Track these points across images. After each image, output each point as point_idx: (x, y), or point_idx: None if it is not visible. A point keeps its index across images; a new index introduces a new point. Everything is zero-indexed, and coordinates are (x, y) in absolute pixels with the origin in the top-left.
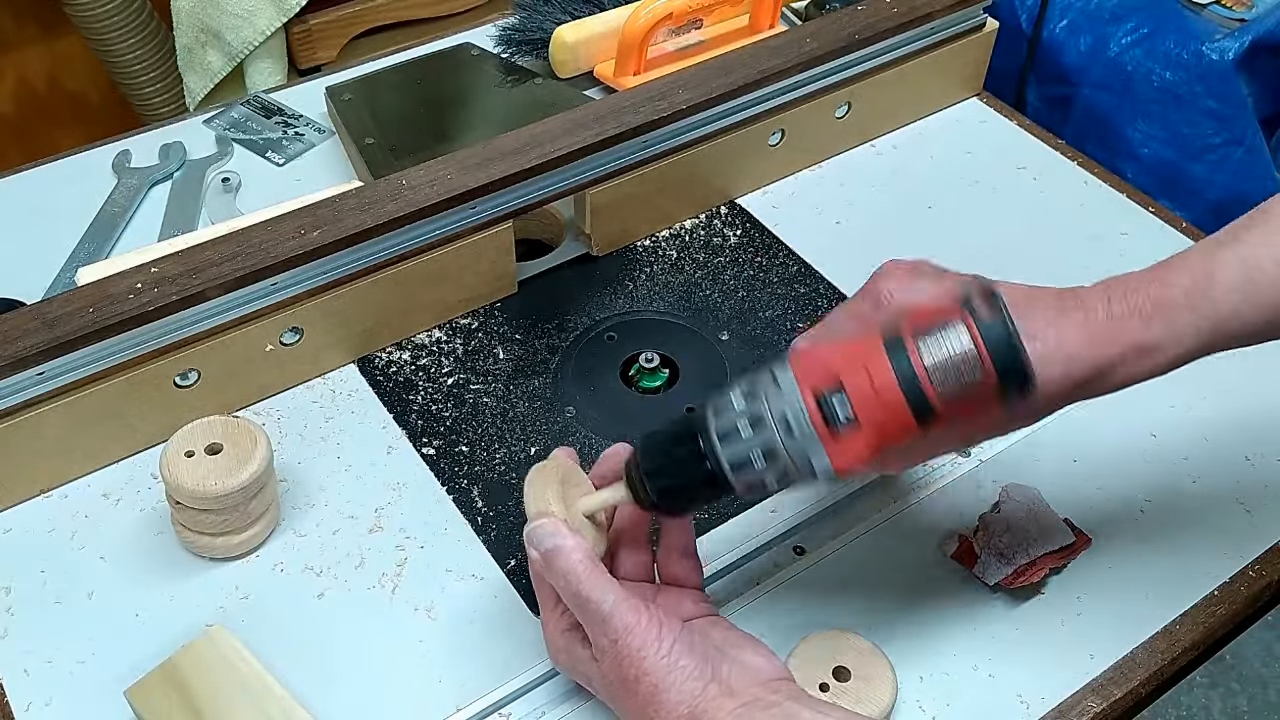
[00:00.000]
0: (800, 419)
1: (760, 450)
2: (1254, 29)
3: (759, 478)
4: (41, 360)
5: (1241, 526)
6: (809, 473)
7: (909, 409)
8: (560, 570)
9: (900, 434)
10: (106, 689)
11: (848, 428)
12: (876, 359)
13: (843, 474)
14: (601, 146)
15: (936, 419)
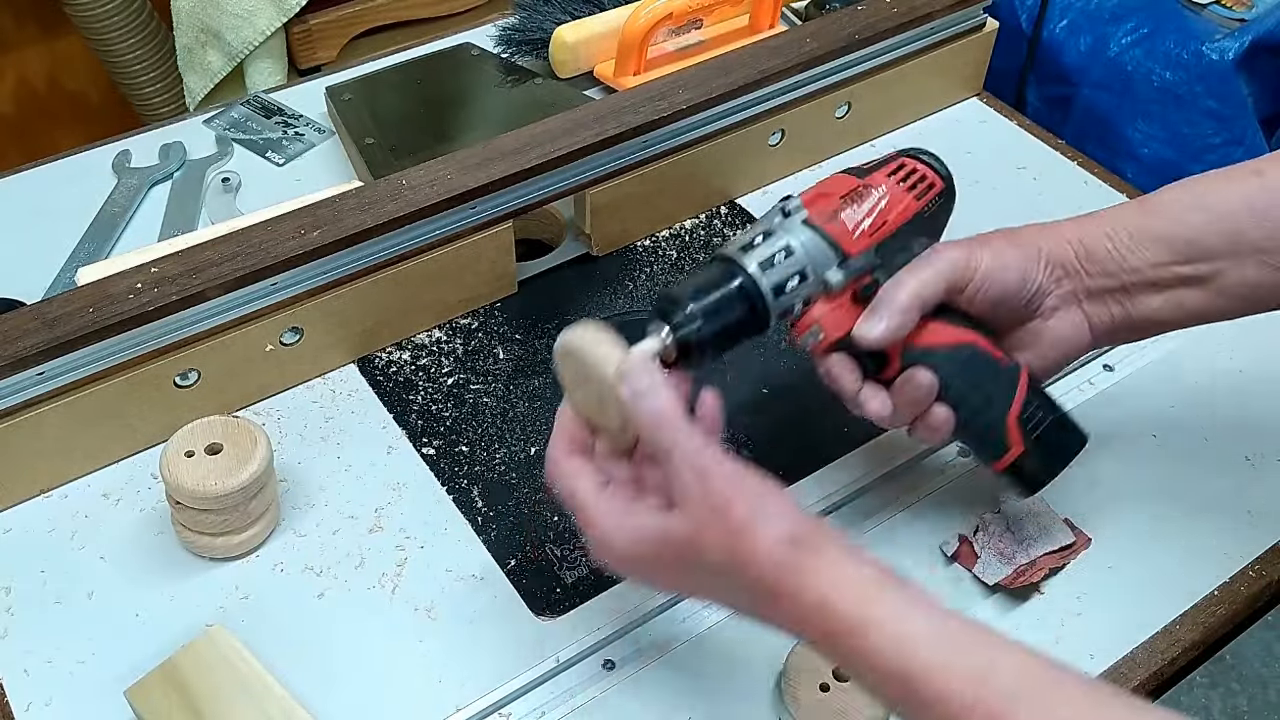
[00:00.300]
0: (811, 223)
1: (794, 273)
2: (1254, 29)
3: (791, 300)
4: (41, 360)
5: (1241, 526)
6: (820, 262)
7: (850, 175)
8: (652, 408)
9: (849, 187)
10: (106, 689)
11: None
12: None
13: (851, 249)
14: (601, 146)
15: (867, 174)
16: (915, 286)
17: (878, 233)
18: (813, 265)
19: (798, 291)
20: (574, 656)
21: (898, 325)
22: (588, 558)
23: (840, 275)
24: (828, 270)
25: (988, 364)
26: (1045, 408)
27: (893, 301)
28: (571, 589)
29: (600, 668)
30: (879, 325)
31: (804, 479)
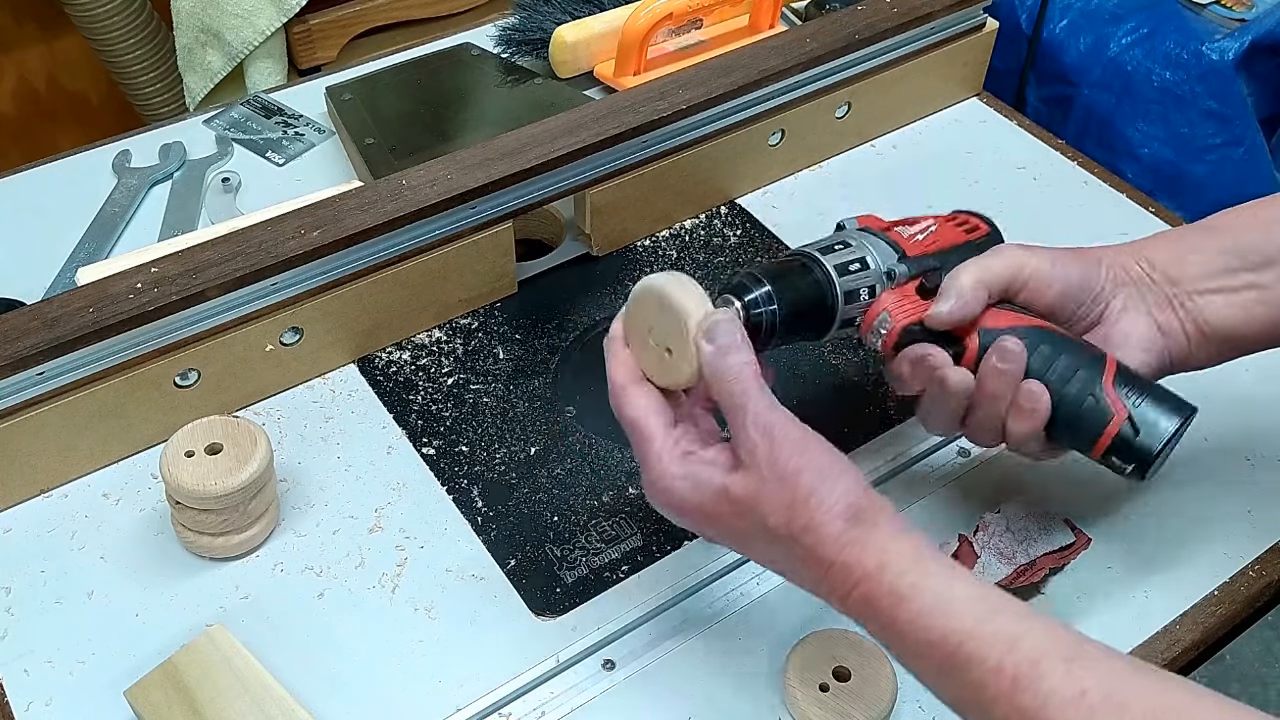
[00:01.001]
0: (866, 229)
1: (856, 258)
2: (1254, 29)
3: (857, 284)
4: (41, 360)
5: (1241, 526)
6: (881, 256)
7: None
8: (734, 363)
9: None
10: (106, 689)
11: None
12: None
13: (910, 251)
14: (601, 146)
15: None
16: (978, 272)
17: (930, 244)
18: (875, 255)
19: (862, 277)
20: (574, 656)
21: (967, 303)
22: (588, 557)
23: (903, 266)
24: (889, 261)
25: (1068, 342)
26: (1142, 379)
27: (959, 284)
28: (571, 589)
29: (600, 668)
30: (948, 303)
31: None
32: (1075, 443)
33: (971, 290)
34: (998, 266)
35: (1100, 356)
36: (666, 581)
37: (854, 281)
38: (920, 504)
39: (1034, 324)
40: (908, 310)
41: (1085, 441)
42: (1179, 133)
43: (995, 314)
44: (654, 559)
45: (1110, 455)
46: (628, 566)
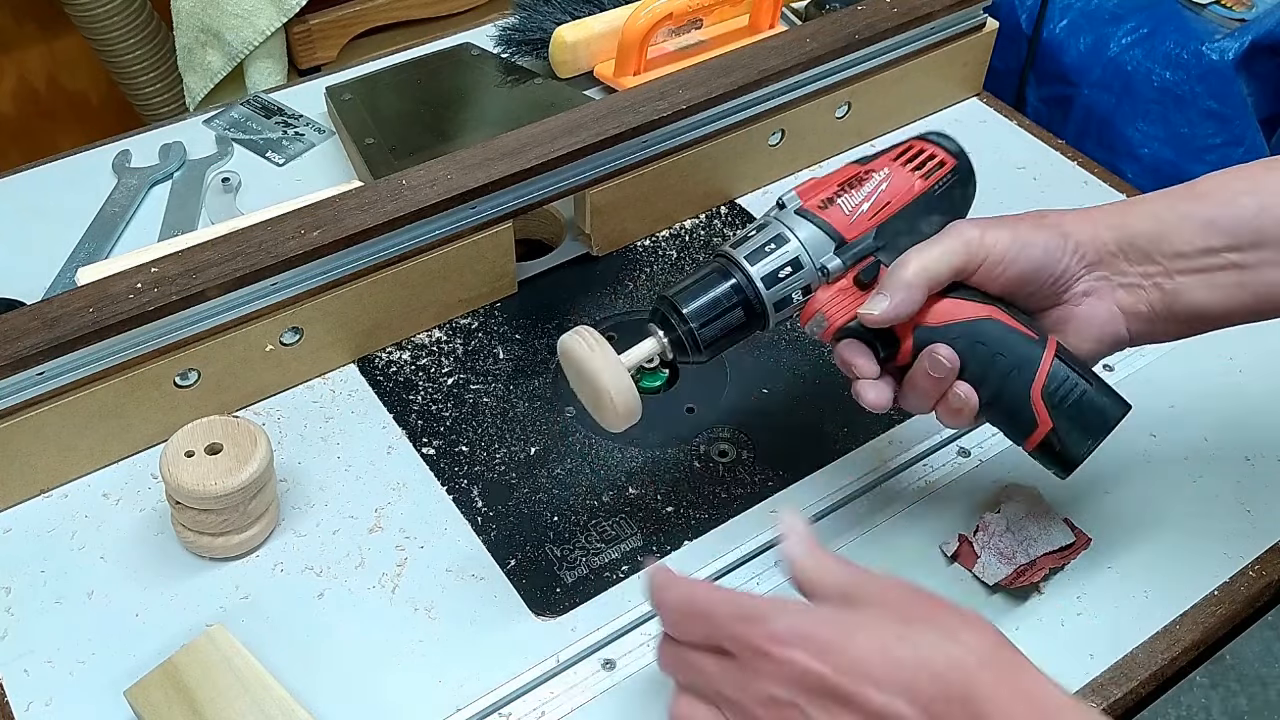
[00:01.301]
0: (804, 211)
1: (786, 261)
2: (1254, 29)
3: (787, 290)
4: (41, 360)
5: (1241, 526)
6: (816, 249)
7: (854, 164)
8: (707, 598)
9: (849, 174)
10: (106, 689)
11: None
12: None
13: (848, 234)
14: (601, 146)
15: (871, 160)
16: (922, 263)
17: (878, 214)
18: (807, 253)
19: (793, 281)
20: (574, 656)
21: (902, 303)
22: (587, 557)
23: (837, 260)
24: (823, 257)
25: (1007, 336)
26: (1077, 379)
27: (898, 280)
28: (571, 589)
29: (600, 668)
30: (882, 304)
31: (804, 479)
32: (1006, 436)
33: (908, 291)
34: (946, 256)
35: (1037, 355)
36: None
37: (785, 288)
38: (920, 504)
39: (976, 315)
40: (844, 307)
41: (1014, 440)
42: (1179, 133)
43: (937, 306)
44: (654, 559)
45: (1035, 455)
46: (628, 566)
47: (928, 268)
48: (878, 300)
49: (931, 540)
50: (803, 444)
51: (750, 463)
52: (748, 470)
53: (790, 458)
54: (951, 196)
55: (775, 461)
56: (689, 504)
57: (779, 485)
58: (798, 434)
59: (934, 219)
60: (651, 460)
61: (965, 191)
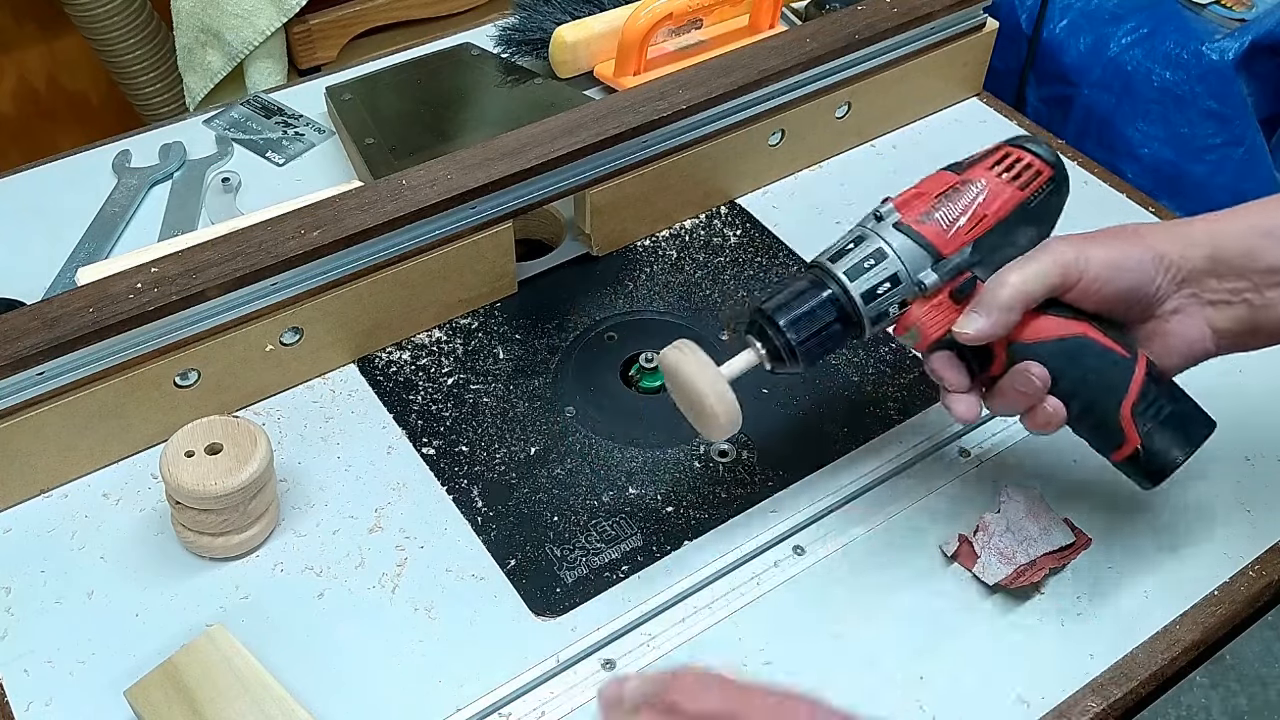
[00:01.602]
0: (903, 225)
1: (885, 278)
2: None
3: (884, 306)
4: (41, 360)
5: (1241, 526)
6: (913, 264)
7: (949, 172)
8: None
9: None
10: (106, 689)
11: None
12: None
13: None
14: (601, 146)
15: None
16: (1018, 283)
17: (976, 228)
18: (905, 269)
19: (891, 296)
20: (574, 656)
21: (997, 323)
22: (587, 557)
23: (934, 276)
24: (921, 272)
25: (1100, 355)
26: (1166, 398)
27: (994, 299)
28: (571, 589)
29: (600, 668)
30: (977, 323)
31: (804, 479)
32: (1092, 446)
33: (1003, 313)
34: (1042, 276)
35: (1128, 374)
36: (666, 581)
37: (882, 304)
38: (920, 504)
39: (1069, 333)
40: (939, 322)
41: (1100, 452)
42: (1179, 133)
43: (1031, 323)
44: (654, 559)
45: (1120, 467)
46: (628, 566)
47: (1024, 288)
48: (973, 319)
49: (931, 540)
50: (803, 444)
51: (750, 463)
52: (748, 470)
53: (790, 458)
54: (1048, 205)
55: (775, 461)
56: (689, 504)
57: (779, 485)
58: (798, 434)
59: (1029, 230)
60: (651, 460)
61: (1060, 200)
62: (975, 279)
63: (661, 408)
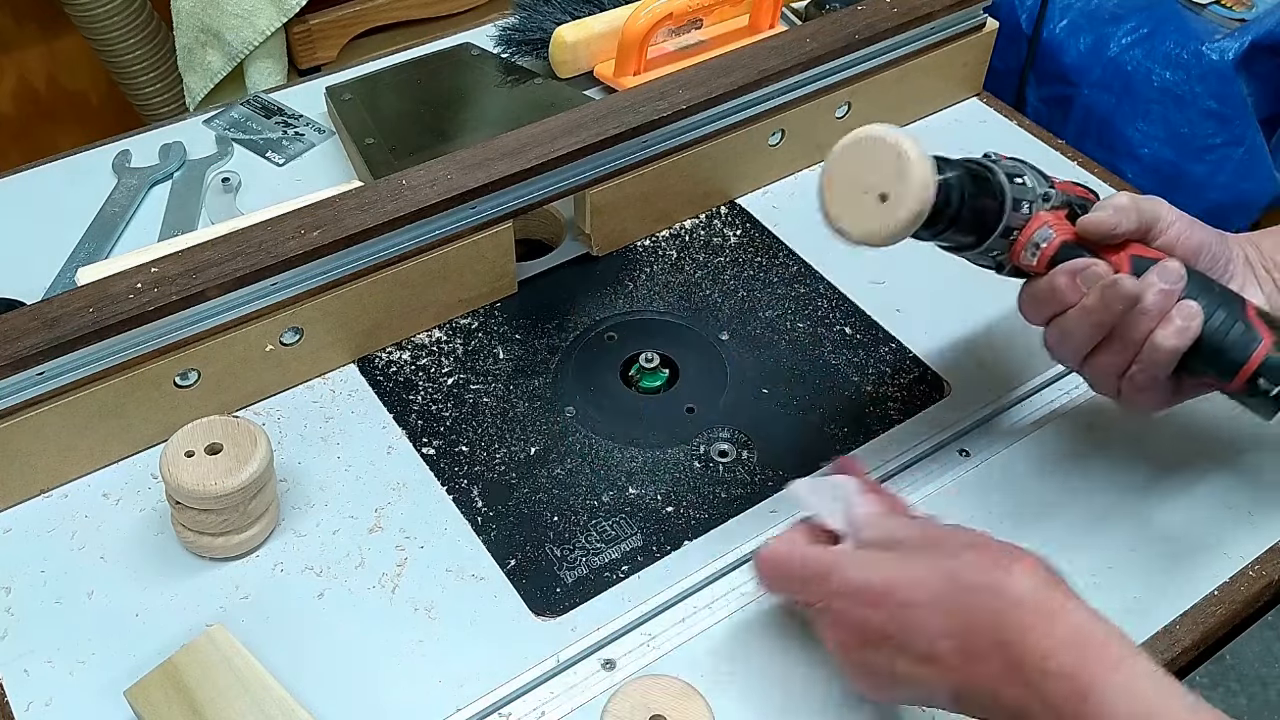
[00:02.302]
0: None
1: (1021, 175)
2: (1254, 29)
3: (1019, 221)
4: (41, 360)
5: (1241, 526)
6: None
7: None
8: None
9: None
10: (106, 689)
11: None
12: None
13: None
14: (601, 146)
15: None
16: (1131, 197)
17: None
18: (1036, 191)
19: (1024, 190)
20: (574, 656)
21: (1122, 212)
22: (588, 558)
23: (1056, 194)
24: (1046, 188)
25: (1210, 280)
26: (1275, 319)
27: (1112, 200)
28: (571, 589)
29: (600, 668)
30: (1104, 213)
31: (804, 478)
32: (1219, 369)
33: (1124, 211)
34: (1145, 199)
35: (1239, 296)
36: (666, 581)
37: (1019, 191)
38: (920, 504)
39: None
40: (1066, 228)
41: (1230, 366)
42: (1179, 133)
43: (1141, 248)
44: (654, 559)
45: (1256, 379)
46: (628, 566)
47: (1137, 201)
48: (1097, 212)
49: None
50: (803, 444)
51: (750, 463)
52: (748, 470)
53: (790, 458)
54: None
55: (775, 461)
56: (689, 504)
57: (779, 485)
58: (798, 434)
59: None
60: (651, 460)
61: None
62: (1087, 203)
63: (662, 408)
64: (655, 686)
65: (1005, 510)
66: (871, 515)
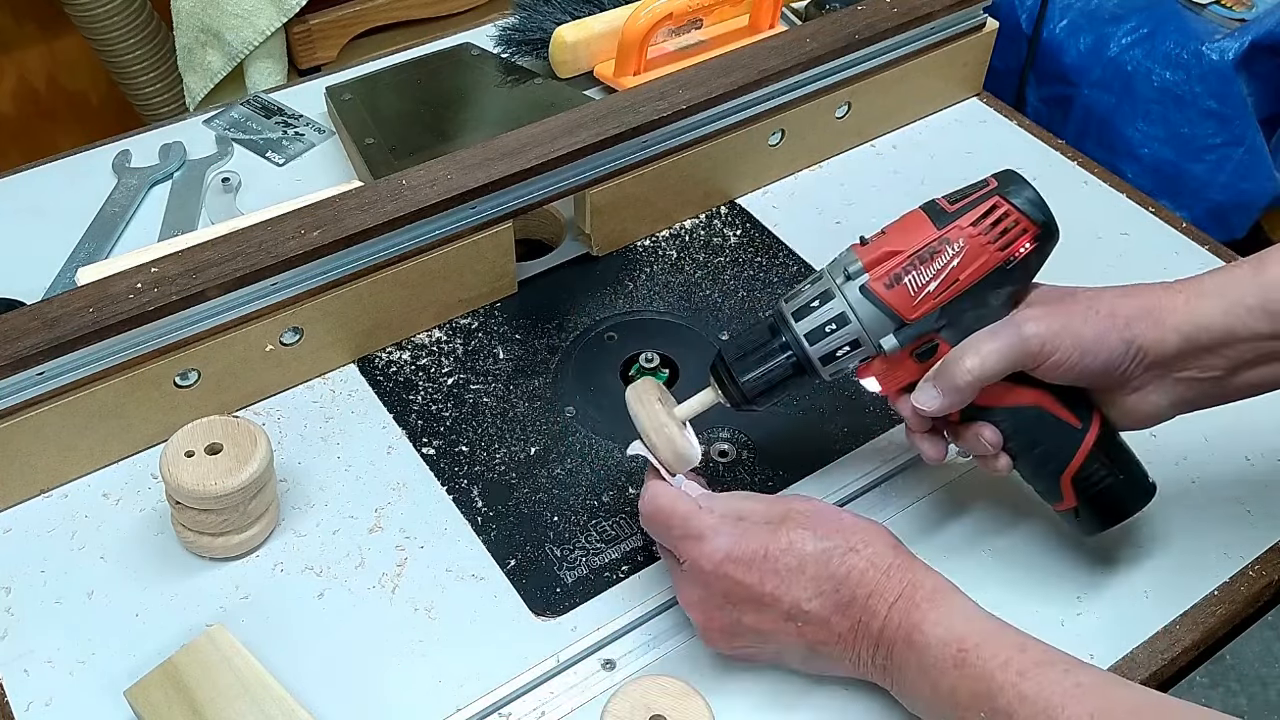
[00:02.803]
0: (868, 290)
1: (845, 342)
2: (1254, 29)
3: (833, 346)
4: (41, 360)
5: (1241, 526)
6: (875, 330)
7: (928, 220)
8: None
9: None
10: (106, 689)
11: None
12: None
13: (910, 315)
14: (601, 146)
15: (947, 223)
16: (976, 369)
17: (946, 293)
18: (867, 334)
19: (850, 357)
20: (574, 656)
21: (952, 403)
22: (587, 557)
23: (895, 342)
24: (882, 337)
25: (1051, 425)
26: (1111, 467)
27: (951, 380)
28: (571, 589)
29: (600, 668)
30: (933, 400)
31: (804, 479)
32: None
33: (959, 394)
34: (1003, 358)
35: (1075, 445)
36: (666, 581)
37: (841, 363)
38: (920, 504)
39: (1023, 402)
40: (898, 377)
41: (1041, 498)
42: (1179, 133)
43: (989, 387)
44: (654, 559)
45: (1060, 514)
46: (628, 566)
47: (982, 372)
48: (930, 395)
49: (931, 540)
50: (803, 444)
51: (750, 463)
52: (748, 470)
53: (790, 458)
54: (1027, 265)
55: (775, 461)
56: None
57: (779, 485)
58: (798, 434)
59: (1003, 291)
60: None
61: (1042, 258)
62: (936, 345)
63: None
64: (655, 686)
65: (1004, 509)
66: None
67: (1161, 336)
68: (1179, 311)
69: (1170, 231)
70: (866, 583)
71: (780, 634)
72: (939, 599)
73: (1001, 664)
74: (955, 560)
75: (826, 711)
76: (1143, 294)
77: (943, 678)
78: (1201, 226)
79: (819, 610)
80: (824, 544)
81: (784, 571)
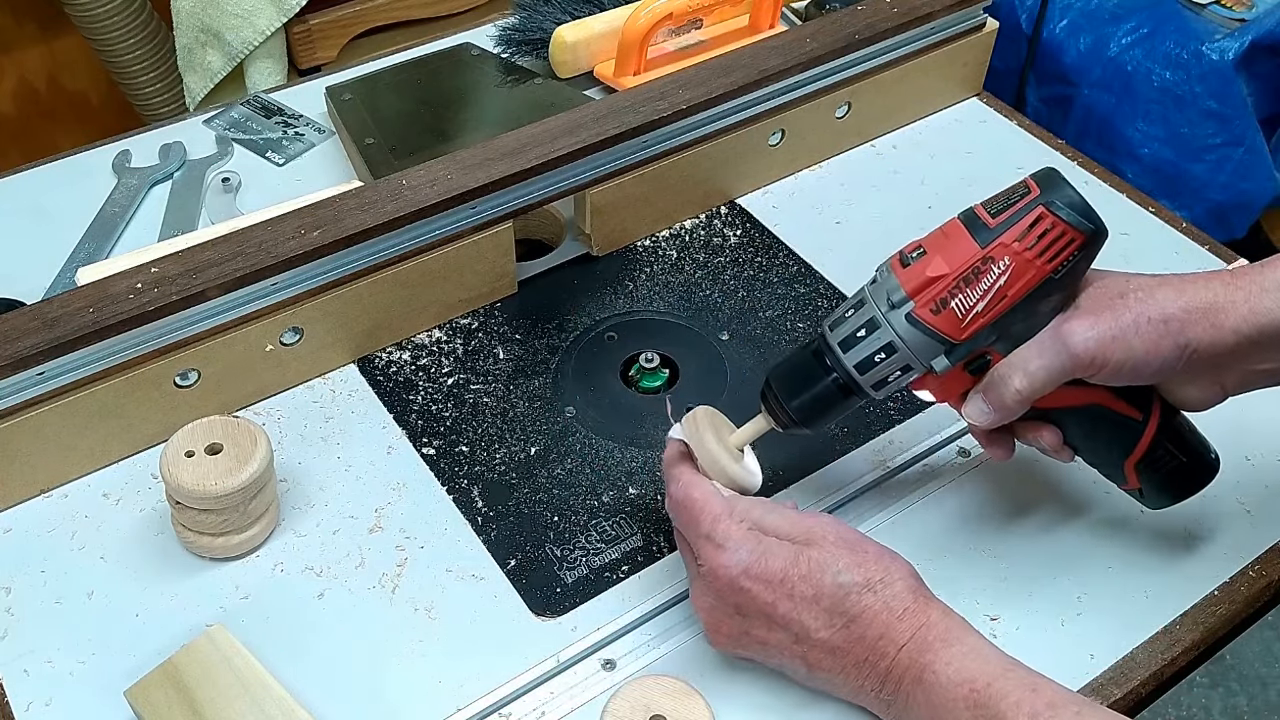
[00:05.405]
0: (914, 319)
1: (897, 368)
2: (1254, 29)
3: (883, 373)
4: (41, 360)
5: (1241, 526)
6: (925, 355)
7: (969, 235)
8: (699, 507)
9: (966, 260)
10: (106, 689)
11: (935, 287)
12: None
13: (960, 337)
14: (601, 146)
15: (990, 239)
16: (1025, 388)
17: (994, 310)
18: (916, 358)
19: (901, 380)
20: (574, 656)
21: (1003, 418)
22: (588, 558)
23: (946, 362)
24: (933, 359)
25: (1111, 420)
26: (1171, 454)
27: (1001, 397)
28: (571, 589)
29: (600, 668)
30: (985, 415)
31: (804, 479)
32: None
33: (1010, 410)
34: (1054, 372)
35: (1137, 435)
36: (666, 581)
37: (893, 386)
38: (920, 504)
39: (1081, 402)
40: (952, 390)
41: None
42: (1179, 133)
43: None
44: (654, 559)
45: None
46: (628, 566)
47: (1031, 389)
48: (980, 410)
49: (931, 541)
50: (803, 444)
51: None
52: None
53: (790, 458)
54: (1075, 271)
55: (775, 461)
56: None
57: (779, 485)
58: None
59: (1054, 299)
60: (651, 460)
61: (1089, 260)
62: (988, 360)
63: (662, 407)
64: (655, 686)
65: (1004, 510)
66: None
67: (1219, 338)
68: (1238, 311)
69: (1170, 231)
70: (878, 625)
71: (785, 652)
72: (951, 638)
73: (1013, 705)
74: (955, 561)
75: (828, 712)
76: (1199, 288)
77: (952, 718)
78: (1201, 226)
79: (828, 640)
80: (842, 579)
81: (799, 598)
